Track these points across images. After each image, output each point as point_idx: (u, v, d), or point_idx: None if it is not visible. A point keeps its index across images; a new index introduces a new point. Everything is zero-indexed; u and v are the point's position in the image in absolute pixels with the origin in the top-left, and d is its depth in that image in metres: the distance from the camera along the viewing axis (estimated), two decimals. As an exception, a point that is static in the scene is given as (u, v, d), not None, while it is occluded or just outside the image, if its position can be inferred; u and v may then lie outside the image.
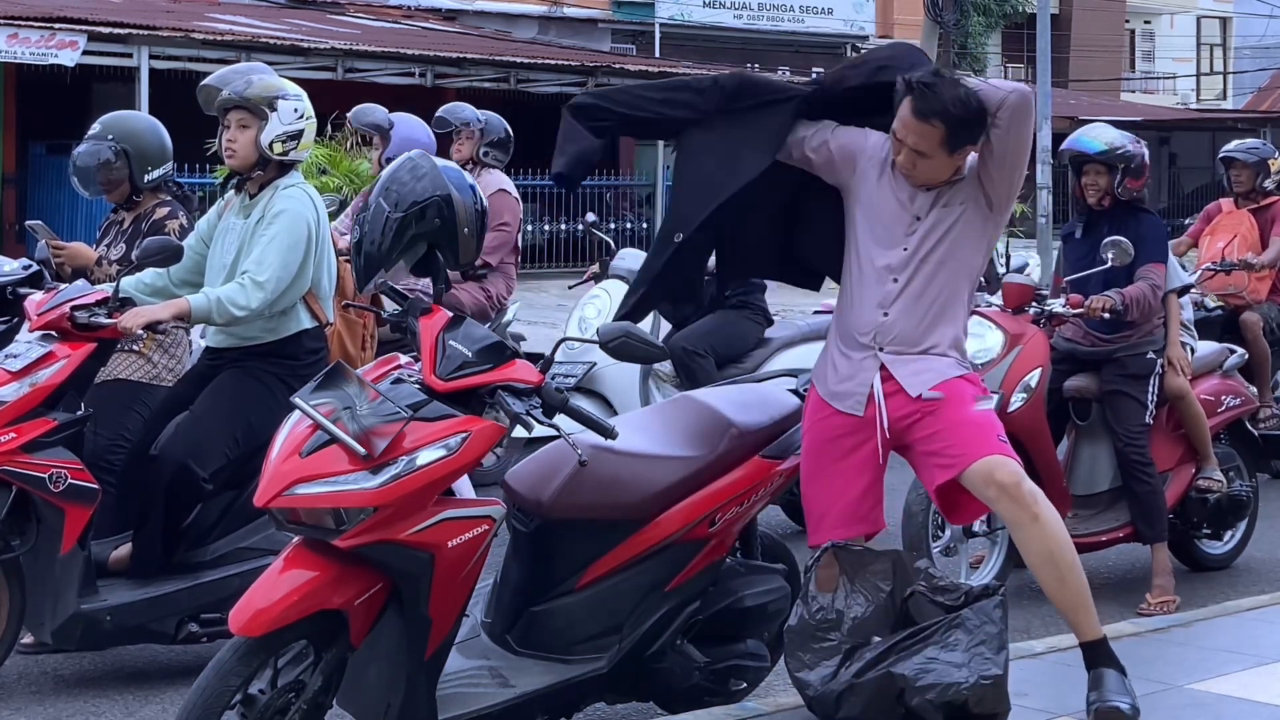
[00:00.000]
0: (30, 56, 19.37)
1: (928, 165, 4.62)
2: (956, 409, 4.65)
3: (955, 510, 4.87)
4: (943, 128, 4.54)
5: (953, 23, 22.77)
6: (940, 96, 4.53)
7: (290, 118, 5.73)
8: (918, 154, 4.59)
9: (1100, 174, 6.97)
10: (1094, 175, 6.99)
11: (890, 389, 4.69)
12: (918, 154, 4.59)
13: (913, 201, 4.69)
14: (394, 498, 4.05)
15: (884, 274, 4.69)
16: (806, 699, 4.57)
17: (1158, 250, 6.94)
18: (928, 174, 4.65)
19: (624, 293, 7.92)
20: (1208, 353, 7.61)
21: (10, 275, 6.36)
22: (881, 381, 4.69)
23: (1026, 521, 4.62)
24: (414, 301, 4.43)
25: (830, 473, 4.74)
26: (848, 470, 4.73)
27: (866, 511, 4.77)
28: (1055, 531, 4.66)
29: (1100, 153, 6.94)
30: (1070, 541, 4.73)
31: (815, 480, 4.78)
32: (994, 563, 6.72)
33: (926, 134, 4.56)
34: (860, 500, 4.75)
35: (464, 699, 4.41)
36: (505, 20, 28.41)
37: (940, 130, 4.55)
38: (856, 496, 4.74)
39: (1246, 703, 5.10)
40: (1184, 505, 7.30)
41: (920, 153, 4.58)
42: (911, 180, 4.68)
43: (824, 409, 4.77)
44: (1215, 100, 47.02)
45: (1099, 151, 6.95)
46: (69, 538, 5.33)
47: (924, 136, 4.56)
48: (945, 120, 4.54)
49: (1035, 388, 6.66)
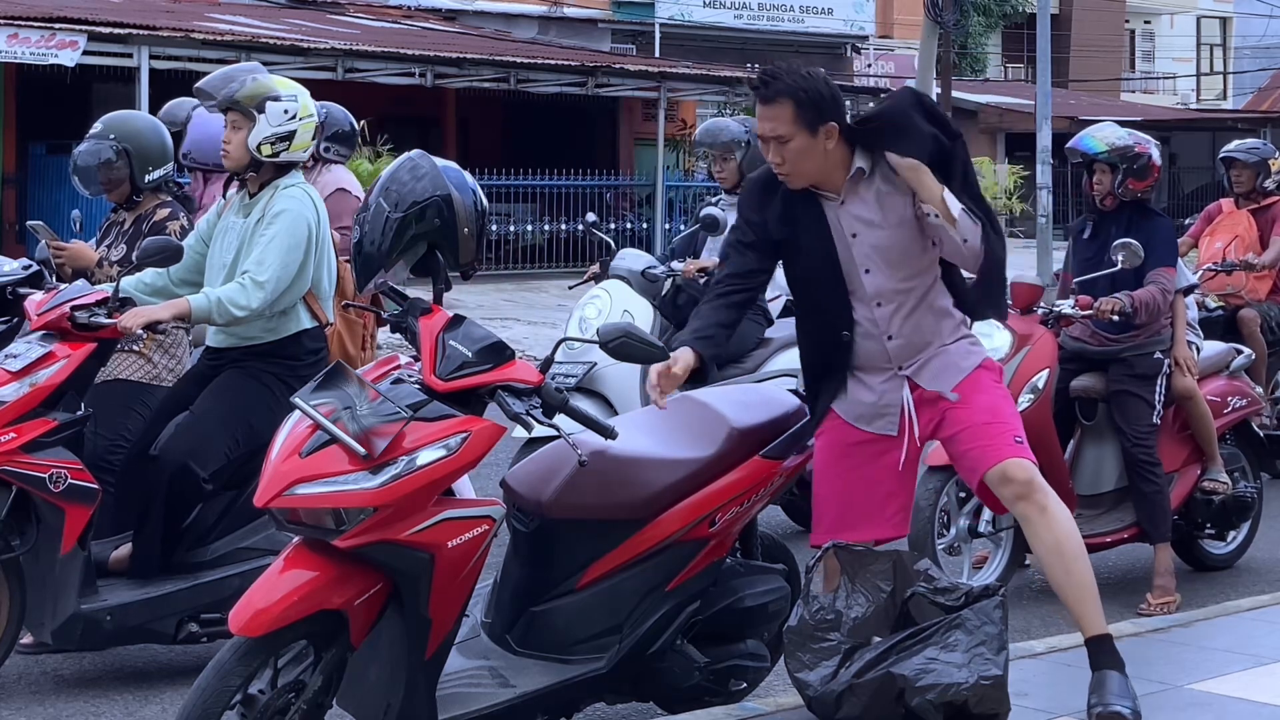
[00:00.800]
0: (30, 56, 19.36)
1: (798, 153, 4.61)
2: (973, 411, 4.72)
3: (993, 501, 4.98)
4: (791, 104, 4.58)
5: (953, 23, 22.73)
6: (779, 79, 4.60)
7: (279, 119, 5.72)
8: (779, 141, 4.60)
9: (1104, 174, 6.99)
10: (1100, 175, 7.01)
11: (918, 397, 4.77)
12: (779, 141, 4.60)
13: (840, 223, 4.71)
14: (394, 498, 4.04)
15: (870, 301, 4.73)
16: (806, 699, 4.57)
17: (1168, 254, 6.95)
18: (804, 165, 4.64)
19: (624, 293, 7.98)
20: (1214, 353, 7.62)
21: (10, 275, 6.36)
22: (911, 391, 4.77)
23: (1035, 515, 4.69)
24: (414, 302, 4.43)
25: (853, 476, 4.78)
26: (875, 473, 4.78)
27: (893, 514, 4.82)
28: (1063, 523, 4.72)
29: (1100, 154, 6.96)
30: (1079, 535, 4.78)
31: (831, 481, 4.81)
32: (998, 563, 6.72)
33: (777, 115, 4.59)
34: (885, 503, 4.80)
35: (464, 699, 4.41)
36: (505, 20, 28.40)
37: (789, 107, 4.58)
38: (881, 499, 4.79)
39: (1246, 703, 5.10)
40: (1188, 506, 7.30)
41: (780, 138, 4.59)
42: (792, 182, 4.67)
43: (842, 427, 4.83)
44: (1215, 100, 47.04)
45: (1099, 153, 6.97)
46: (69, 538, 5.33)
47: (776, 119, 4.59)
48: (790, 95, 4.57)
49: (1043, 388, 6.66)
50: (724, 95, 25.68)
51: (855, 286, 4.72)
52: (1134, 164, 6.95)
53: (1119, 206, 7.01)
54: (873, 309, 4.73)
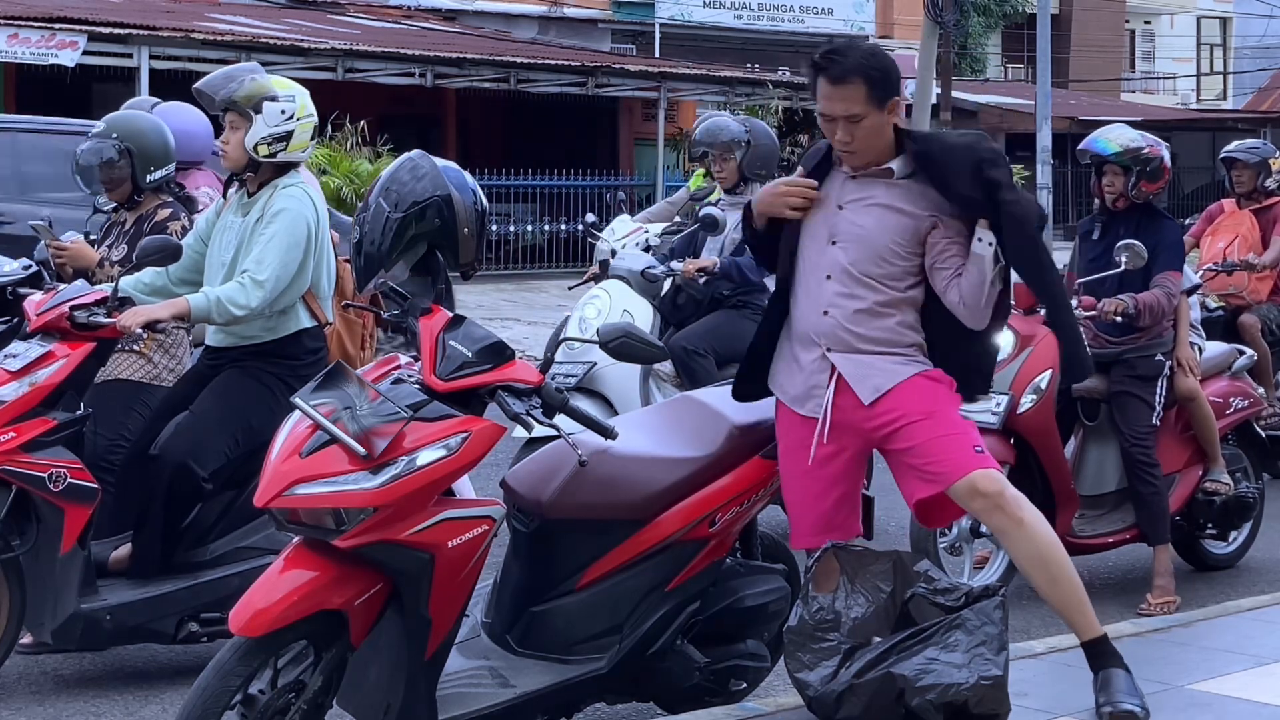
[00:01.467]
0: (30, 56, 19.37)
1: (869, 132, 4.59)
2: (925, 424, 4.60)
3: (930, 517, 4.90)
4: (863, 83, 4.56)
5: (953, 23, 22.74)
6: (848, 57, 4.58)
7: (276, 120, 5.72)
8: (850, 120, 4.57)
9: (1116, 175, 6.98)
10: (1111, 176, 7.01)
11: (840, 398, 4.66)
12: (850, 120, 4.57)
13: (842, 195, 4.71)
14: (394, 498, 4.04)
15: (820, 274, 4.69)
16: (806, 699, 4.57)
17: (1174, 259, 6.94)
18: (869, 141, 4.62)
19: (623, 293, 7.98)
20: (1216, 354, 7.62)
21: (10, 275, 6.36)
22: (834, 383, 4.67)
23: (1012, 528, 4.61)
24: (414, 302, 4.43)
25: (809, 479, 4.73)
26: (821, 478, 4.71)
27: (842, 521, 4.76)
28: (1043, 534, 4.65)
29: (1114, 155, 6.94)
30: (1059, 542, 4.72)
31: (790, 485, 4.78)
32: (999, 562, 6.71)
33: (850, 95, 4.56)
34: (834, 510, 4.74)
35: (464, 699, 4.41)
36: (505, 20, 28.40)
37: (861, 86, 4.56)
38: (830, 506, 4.73)
39: (1247, 703, 5.10)
40: (1190, 506, 7.30)
41: (853, 117, 4.57)
42: (855, 160, 4.66)
43: (790, 415, 4.75)
44: (1215, 100, 47.02)
45: (1113, 154, 6.95)
46: (69, 537, 5.33)
47: (849, 99, 4.56)
48: (862, 74, 4.56)
49: (1045, 389, 6.65)
50: (724, 95, 25.67)
51: (816, 254, 4.68)
52: (1146, 166, 6.95)
53: (1129, 209, 7.01)
54: (822, 280, 4.67)
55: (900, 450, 4.65)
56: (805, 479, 4.72)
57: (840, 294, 4.65)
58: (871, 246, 4.64)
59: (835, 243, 4.66)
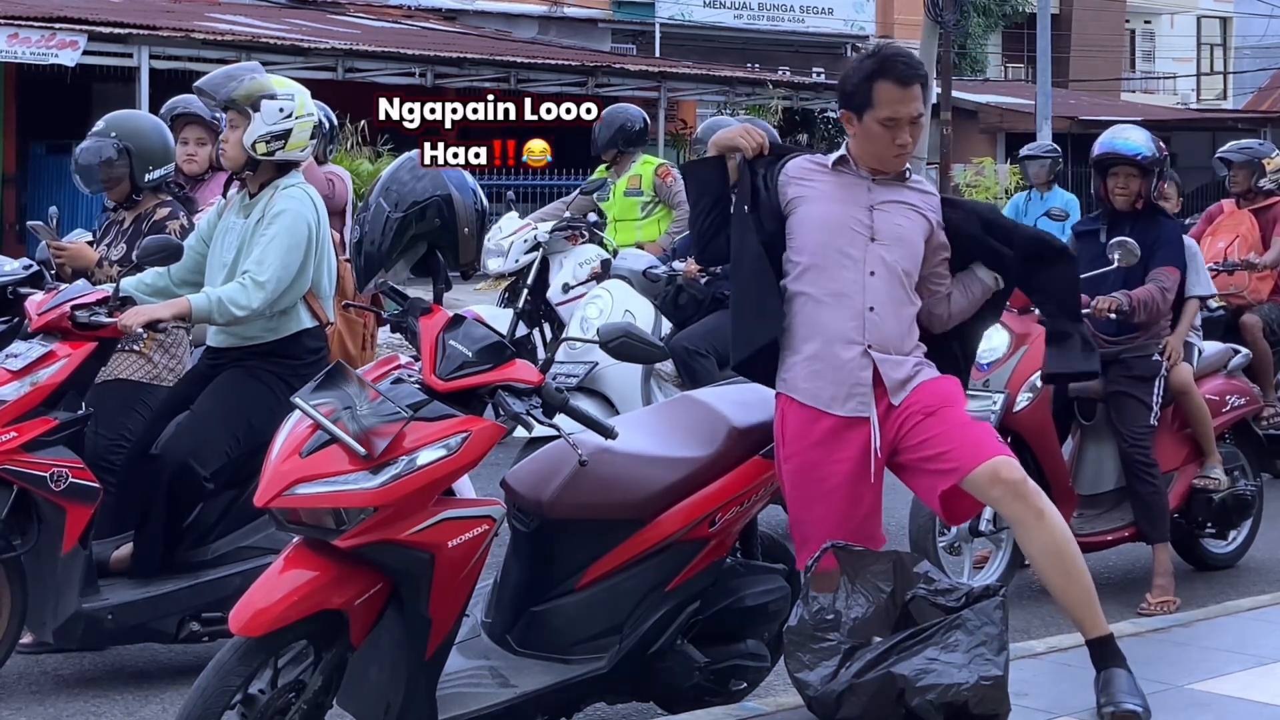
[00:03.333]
0: (30, 56, 19.38)
1: (921, 130, 4.82)
2: (948, 416, 4.63)
3: (955, 513, 4.86)
4: (920, 86, 4.80)
5: (953, 23, 22.73)
6: (912, 60, 4.79)
7: (275, 118, 5.72)
8: (914, 122, 4.72)
9: (1133, 177, 6.93)
10: (1125, 178, 6.94)
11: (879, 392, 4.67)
12: (914, 122, 4.72)
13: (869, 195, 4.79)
14: (394, 498, 4.05)
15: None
16: (806, 699, 4.57)
17: (1172, 254, 6.92)
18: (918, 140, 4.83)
19: (625, 293, 7.98)
20: (1213, 353, 7.61)
21: (10, 275, 6.37)
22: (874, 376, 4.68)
23: (1031, 519, 4.60)
24: (414, 302, 4.43)
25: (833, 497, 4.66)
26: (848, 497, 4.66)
27: (871, 532, 4.73)
28: (1060, 528, 4.66)
29: (1144, 157, 6.89)
30: (1073, 538, 4.73)
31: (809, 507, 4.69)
32: (999, 562, 6.71)
33: (919, 96, 4.77)
34: (865, 521, 4.71)
35: (464, 699, 4.41)
36: (505, 20, 28.42)
37: (920, 89, 4.79)
38: (863, 517, 4.69)
39: (1247, 703, 5.10)
40: (1188, 504, 7.30)
41: (918, 118, 4.73)
42: (904, 161, 4.78)
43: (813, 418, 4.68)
44: (1215, 100, 47.01)
45: (1143, 156, 6.90)
46: (70, 537, 5.33)
47: (919, 100, 4.76)
48: (922, 78, 4.81)
49: (1041, 387, 6.65)
50: (724, 95, 25.68)
51: (857, 251, 4.69)
52: (1164, 167, 6.95)
53: (1132, 209, 6.98)
54: (865, 276, 4.67)
55: (916, 444, 4.63)
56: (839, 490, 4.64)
57: (886, 291, 4.69)
58: (911, 246, 4.73)
59: (876, 240, 4.70)
